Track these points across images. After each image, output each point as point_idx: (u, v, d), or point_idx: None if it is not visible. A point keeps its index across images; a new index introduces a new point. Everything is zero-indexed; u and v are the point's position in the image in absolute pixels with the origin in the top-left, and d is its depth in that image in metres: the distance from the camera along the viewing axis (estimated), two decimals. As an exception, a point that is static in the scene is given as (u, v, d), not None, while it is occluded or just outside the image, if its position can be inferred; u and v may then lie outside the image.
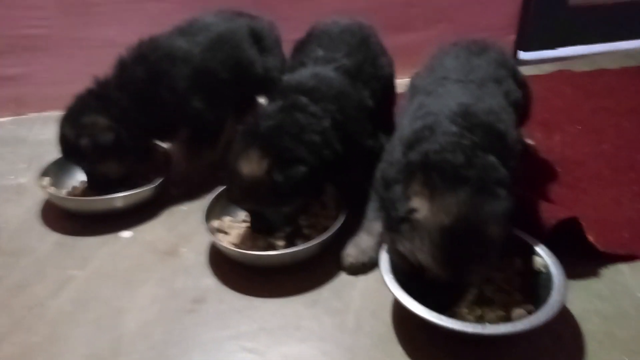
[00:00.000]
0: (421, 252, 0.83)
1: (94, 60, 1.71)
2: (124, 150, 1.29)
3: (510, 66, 1.18)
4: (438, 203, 0.82)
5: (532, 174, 1.35)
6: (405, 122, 1.02)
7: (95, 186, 1.33)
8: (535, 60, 2.06)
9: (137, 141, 1.31)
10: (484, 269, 0.85)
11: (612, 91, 1.77)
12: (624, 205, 1.23)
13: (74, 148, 1.27)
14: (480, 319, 0.93)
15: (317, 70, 1.20)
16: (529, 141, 1.43)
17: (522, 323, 0.84)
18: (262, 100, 1.58)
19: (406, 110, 1.09)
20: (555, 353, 0.90)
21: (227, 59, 1.39)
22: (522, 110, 1.15)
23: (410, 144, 0.93)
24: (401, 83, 1.45)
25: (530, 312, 0.92)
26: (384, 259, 0.97)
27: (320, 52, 1.25)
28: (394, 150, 0.99)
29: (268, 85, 1.44)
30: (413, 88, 1.17)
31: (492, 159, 0.88)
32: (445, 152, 0.87)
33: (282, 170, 1.03)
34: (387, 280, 0.93)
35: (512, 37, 1.99)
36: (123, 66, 1.32)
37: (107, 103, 1.27)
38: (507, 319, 0.92)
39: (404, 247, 0.86)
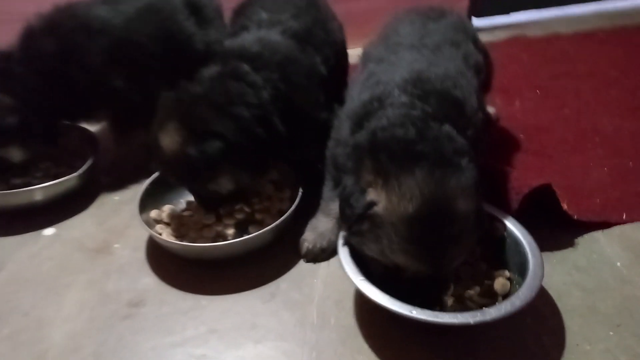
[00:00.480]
0: (392, 251, 0.73)
1: (12, 36, 1.51)
2: (29, 133, 1.11)
3: (470, 31, 1.10)
4: (396, 189, 0.71)
5: (496, 142, 1.28)
6: (354, 93, 0.93)
7: None
8: (489, 27, 2.00)
9: (45, 123, 1.14)
10: (465, 250, 0.75)
11: (568, 56, 1.73)
12: (592, 170, 1.18)
13: None
14: (460, 298, 0.84)
15: (262, 35, 1.07)
16: (490, 109, 1.35)
17: (504, 307, 0.75)
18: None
19: (356, 80, 1.00)
20: (538, 332, 0.83)
21: (157, 32, 1.22)
22: (484, 75, 1.06)
23: (358, 120, 0.83)
24: (352, 53, 1.34)
25: (509, 279, 0.86)
26: (343, 247, 0.86)
27: (263, 15, 1.12)
28: (341, 127, 0.90)
29: (210, 59, 1.28)
30: (365, 56, 1.08)
31: (447, 128, 0.80)
32: (394, 127, 0.78)
33: (196, 144, 0.92)
34: (348, 271, 0.82)
35: (464, 3, 1.92)
36: (30, 37, 1.13)
37: (10, 80, 1.09)
38: (488, 292, 0.85)
39: (370, 249, 0.76)
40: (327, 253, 0.98)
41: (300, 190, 1.04)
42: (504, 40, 1.88)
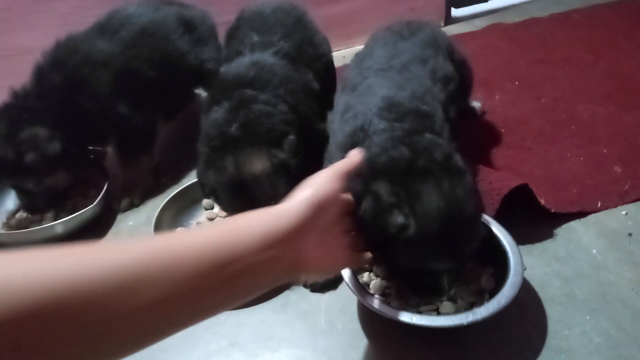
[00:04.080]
0: (426, 259, 0.83)
1: (9, 71, 1.55)
2: (71, 157, 1.21)
3: (441, 44, 1.15)
4: (419, 210, 0.79)
5: (478, 138, 1.36)
6: (336, 126, 1.01)
7: (34, 205, 1.24)
8: (467, 15, 2.05)
9: (79, 148, 1.25)
10: (476, 242, 0.85)
11: (545, 42, 1.79)
12: (568, 160, 1.26)
13: (13, 167, 1.16)
14: (451, 298, 0.93)
15: (256, 58, 1.14)
16: (476, 104, 1.43)
17: (492, 305, 0.84)
18: (200, 93, 1.49)
19: (335, 109, 1.08)
20: (521, 322, 0.92)
21: (152, 55, 1.28)
22: (458, 83, 1.13)
23: (348, 150, 0.89)
24: (336, 56, 1.41)
25: (493, 274, 0.95)
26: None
27: (255, 37, 1.18)
28: (332, 159, 0.96)
29: (205, 78, 1.36)
30: (343, 81, 1.14)
31: (428, 136, 0.88)
32: (387, 150, 0.86)
33: (280, 148, 1.03)
34: (347, 281, 0.92)
35: (443, -5, 1.97)
36: (40, 73, 1.21)
37: (37, 113, 1.17)
38: (476, 289, 0.94)
39: (406, 261, 0.85)
40: (333, 281, 1.03)
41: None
42: (483, 29, 1.94)
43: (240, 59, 1.15)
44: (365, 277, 0.98)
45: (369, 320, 0.96)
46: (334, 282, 1.04)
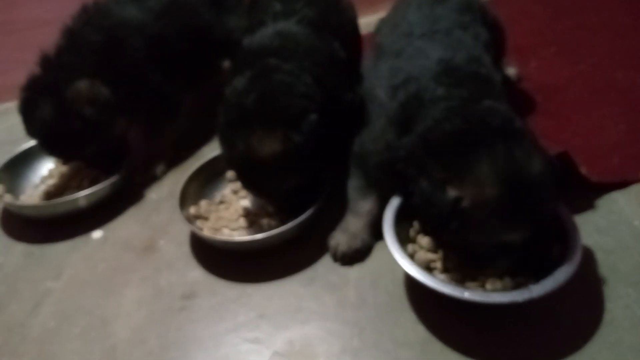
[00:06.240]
0: (496, 231, 0.79)
1: (25, 44, 1.55)
2: (121, 101, 1.17)
3: (476, 9, 1.11)
4: (474, 180, 0.77)
5: (514, 106, 1.29)
6: (381, 92, 0.96)
7: (102, 163, 1.23)
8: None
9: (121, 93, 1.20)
10: (548, 207, 0.81)
11: (581, 6, 1.69)
12: (608, 128, 1.20)
13: (77, 134, 1.13)
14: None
15: (279, 27, 1.09)
16: (511, 70, 1.37)
17: (549, 283, 0.79)
18: (225, 64, 1.45)
19: (375, 74, 1.03)
20: (565, 296, 0.88)
21: (182, 27, 1.27)
22: (494, 50, 1.08)
23: (403, 123, 0.87)
24: (362, 22, 1.35)
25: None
26: (389, 234, 0.91)
27: (277, 6, 1.13)
28: (382, 130, 0.93)
29: (230, 49, 1.31)
30: (378, 47, 1.10)
31: (486, 103, 0.85)
32: (441, 123, 0.82)
33: (297, 130, 0.94)
34: (398, 259, 0.88)
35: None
36: (71, 34, 1.18)
37: (73, 68, 1.13)
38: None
39: (475, 237, 0.81)
40: (361, 253, 1.00)
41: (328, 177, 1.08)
42: (516, -7, 1.85)
43: (263, 30, 1.10)
44: (409, 248, 0.94)
45: (399, 293, 0.93)
46: (362, 254, 1.01)
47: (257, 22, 1.13)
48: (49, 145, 1.18)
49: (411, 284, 0.91)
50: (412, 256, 0.92)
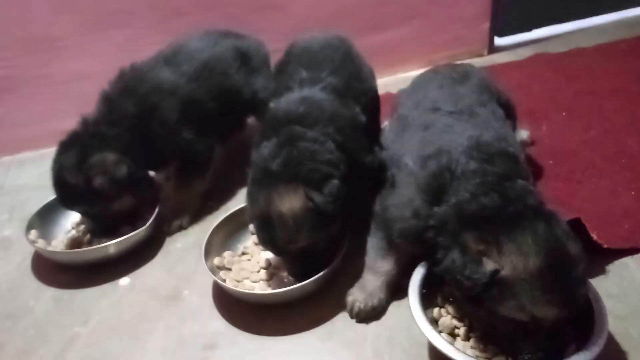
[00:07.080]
0: (533, 304, 0.79)
1: (64, 96, 1.66)
2: (136, 181, 1.26)
3: (493, 89, 1.18)
4: (514, 251, 0.79)
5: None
6: (410, 161, 1.00)
7: (103, 229, 1.29)
8: (511, 45, 2.06)
9: (144, 173, 1.31)
10: (584, 287, 0.83)
11: (591, 72, 1.77)
12: (619, 194, 1.24)
13: (82, 193, 1.22)
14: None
15: (305, 94, 1.16)
16: (524, 132, 1.42)
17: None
18: (250, 121, 1.54)
19: (402, 143, 1.08)
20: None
21: (213, 88, 1.37)
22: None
23: (434, 193, 0.90)
24: (380, 83, 1.42)
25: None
26: (414, 301, 0.92)
27: (304, 73, 1.21)
28: (410, 198, 0.96)
29: (257, 107, 1.41)
30: (402, 119, 1.15)
31: (520, 183, 0.89)
32: (478, 197, 0.86)
33: (320, 190, 1.00)
34: (422, 328, 0.88)
35: (486, 25, 1.98)
36: (109, 102, 1.29)
37: (106, 139, 1.24)
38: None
39: (507, 308, 0.80)
40: (377, 311, 1.03)
41: (346, 234, 1.13)
42: (528, 58, 1.94)
43: (290, 95, 1.18)
44: (435, 312, 0.97)
45: (416, 352, 0.96)
46: (378, 313, 1.04)
47: (284, 87, 1.21)
48: (57, 192, 1.26)
49: (433, 349, 0.93)
50: (436, 320, 0.95)
